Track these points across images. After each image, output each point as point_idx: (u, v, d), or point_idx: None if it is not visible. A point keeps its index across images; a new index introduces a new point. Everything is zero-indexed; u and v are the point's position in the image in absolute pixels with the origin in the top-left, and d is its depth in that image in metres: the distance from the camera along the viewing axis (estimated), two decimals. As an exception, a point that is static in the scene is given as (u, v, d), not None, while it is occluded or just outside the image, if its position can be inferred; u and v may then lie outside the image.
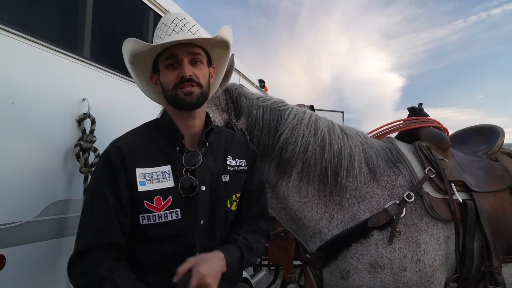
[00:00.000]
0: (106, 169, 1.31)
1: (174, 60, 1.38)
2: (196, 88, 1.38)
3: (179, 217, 1.33)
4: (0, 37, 1.64)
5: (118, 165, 1.30)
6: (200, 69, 1.41)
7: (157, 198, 1.31)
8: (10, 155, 1.68)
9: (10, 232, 1.65)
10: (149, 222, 1.30)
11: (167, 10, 3.00)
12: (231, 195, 1.49)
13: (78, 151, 1.95)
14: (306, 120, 2.05)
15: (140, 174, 1.31)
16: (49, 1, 2.06)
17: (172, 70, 1.38)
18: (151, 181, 1.31)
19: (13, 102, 1.68)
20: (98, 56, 2.26)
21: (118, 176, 1.29)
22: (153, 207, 1.30)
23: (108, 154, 1.33)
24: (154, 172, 1.33)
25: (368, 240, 1.90)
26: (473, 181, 2.19)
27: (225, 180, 1.47)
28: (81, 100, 2.05)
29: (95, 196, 1.30)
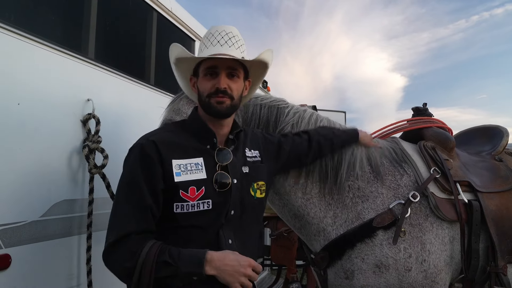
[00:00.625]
0: (141, 161, 1.35)
1: (213, 71, 1.46)
2: (228, 100, 1.46)
3: (210, 208, 1.38)
4: (6, 38, 1.66)
5: (153, 157, 1.35)
6: (235, 82, 1.50)
7: (191, 188, 1.37)
8: (16, 155, 1.69)
9: (15, 231, 1.66)
10: (182, 210, 1.35)
11: (170, 11, 3.01)
12: (252, 183, 1.55)
13: (87, 152, 1.96)
14: (307, 118, 2.06)
15: (176, 165, 1.37)
16: (54, 2, 2.07)
17: (210, 79, 1.47)
18: (185, 172, 1.38)
19: (19, 103, 1.69)
20: (102, 56, 2.27)
21: (154, 168, 1.34)
22: (187, 196, 1.35)
23: (142, 147, 1.37)
24: (188, 164, 1.40)
25: (373, 240, 1.90)
26: (478, 181, 2.18)
27: (245, 172, 1.54)
28: (86, 101, 2.06)
29: (131, 188, 1.34)
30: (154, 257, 1.21)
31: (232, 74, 1.49)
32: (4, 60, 1.66)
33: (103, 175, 2.06)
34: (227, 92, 1.45)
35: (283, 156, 1.77)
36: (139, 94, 2.58)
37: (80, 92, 2.05)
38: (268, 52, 1.59)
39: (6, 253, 1.62)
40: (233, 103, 1.49)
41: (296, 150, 1.83)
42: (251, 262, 1.27)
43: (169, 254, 1.23)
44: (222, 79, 1.45)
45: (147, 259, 1.20)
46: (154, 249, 1.23)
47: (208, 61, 1.47)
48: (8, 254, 1.62)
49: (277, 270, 4.15)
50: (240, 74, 1.53)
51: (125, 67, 2.47)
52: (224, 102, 1.45)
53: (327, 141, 1.93)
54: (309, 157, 1.90)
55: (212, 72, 1.46)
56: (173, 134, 1.48)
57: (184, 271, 1.21)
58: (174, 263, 1.21)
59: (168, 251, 1.24)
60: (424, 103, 2.54)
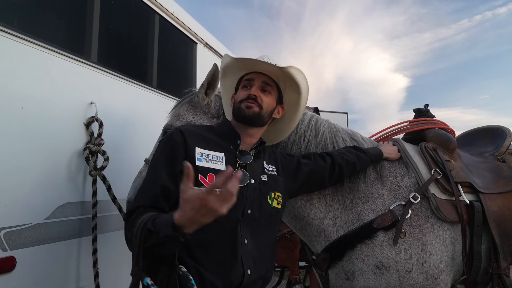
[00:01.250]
0: (166, 145, 1.47)
1: (249, 83, 1.65)
2: (256, 107, 1.60)
3: None
4: (9, 43, 1.68)
5: (178, 142, 1.45)
6: (266, 96, 1.65)
7: (210, 174, 1.43)
8: (20, 159, 1.71)
9: (20, 234, 1.69)
10: None
11: (172, 14, 3.02)
12: (270, 192, 1.61)
13: (87, 154, 1.98)
14: (306, 122, 2.07)
15: (198, 152, 1.46)
16: (57, 7, 2.10)
17: (245, 90, 1.64)
18: (207, 160, 1.47)
19: (23, 106, 1.72)
20: (105, 60, 2.29)
21: (177, 151, 1.43)
22: (205, 181, 1.41)
23: (171, 134, 1.49)
24: (210, 154, 1.50)
25: (373, 241, 1.90)
26: (480, 182, 2.18)
27: (264, 180, 1.61)
28: (89, 104, 2.08)
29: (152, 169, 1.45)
30: (143, 226, 1.21)
31: (264, 88, 1.65)
32: (7, 64, 1.68)
33: (103, 177, 2.08)
34: (257, 100, 1.60)
35: (301, 177, 1.82)
36: (142, 96, 2.60)
37: (83, 96, 2.07)
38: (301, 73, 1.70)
39: (11, 255, 1.64)
40: (261, 112, 1.61)
41: (318, 173, 1.87)
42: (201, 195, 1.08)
43: (153, 222, 1.20)
44: (255, 89, 1.62)
45: (138, 229, 1.22)
46: (147, 217, 1.23)
47: (247, 76, 1.67)
48: (13, 256, 1.65)
49: (280, 271, 4.15)
50: (272, 91, 1.68)
51: (128, 70, 2.49)
52: (251, 107, 1.58)
53: (349, 166, 1.95)
54: (331, 181, 1.94)
55: (248, 84, 1.64)
56: (201, 130, 1.60)
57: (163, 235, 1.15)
58: (155, 230, 1.17)
59: (154, 220, 1.21)
60: (426, 104, 2.54)
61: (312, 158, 1.89)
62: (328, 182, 1.93)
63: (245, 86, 1.65)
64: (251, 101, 1.59)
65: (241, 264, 1.43)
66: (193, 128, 1.57)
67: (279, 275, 4.10)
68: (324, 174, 1.88)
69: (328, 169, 1.88)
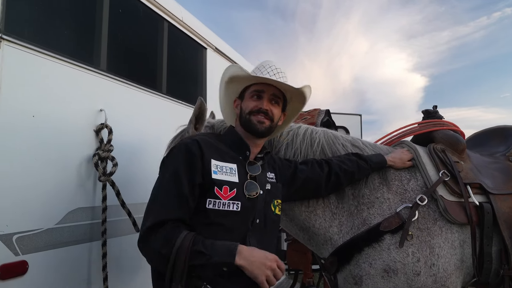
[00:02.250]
0: (185, 156, 1.47)
1: (259, 94, 1.66)
2: (268, 121, 1.65)
3: (239, 210, 1.49)
4: (21, 54, 1.74)
5: (196, 154, 1.47)
6: (275, 108, 1.69)
7: (225, 187, 1.48)
8: (32, 166, 1.76)
9: (32, 238, 1.74)
10: (214, 207, 1.45)
11: (181, 20, 3.07)
12: (273, 200, 1.68)
13: (96, 160, 2.02)
14: (301, 135, 2.09)
15: (214, 164, 1.50)
16: (66, 17, 2.15)
17: (254, 100, 1.66)
18: (221, 173, 1.51)
19: (34, 115, 1.77)
20: (114, 68, 2.34)
21: (195, 163, 1.46)
22: (221, 194, 1.47)
23: (187, 145, 1.50)
24: (224, 166, 1.54)
25: (380, 245, 1.89)
26: (490, 183, 2.15)
27: (267, 188, 1.67)
28: (99, 111, 2.13)
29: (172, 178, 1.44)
30: (189, 245, 1.29)
31: (274, 100, 1.68)
32: (19, 74, 1.74)
33: (112, 183, 2.12)
34: (268, 113, 1.64)
35: (296, 183, 1.85)
36: (152, 102, 2.65)
37: (93, 103, 2.12)
38: (309, 88, 1.77)
39: (23, 260, 1.69)
40: (272, 125, 1.67)
41: (314, 181, 1.89)
42: (277, 257, 1.35)
43: (203, 244, 1.31)
44: (266, 102, 1.65)
45: (182, 247, 1.29)
46: (189, 237, 1.31)
47: (256, 86, 1.67)
48: (25, 260, 1.69)
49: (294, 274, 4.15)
50: (280, 103, 1.72)
51: (137, 77, 2.54)
52: (264, 122, 1.63)
53: (347, 175, 1.95)
54: (327, 189, 1.95)
55: (258, 95, 1.66)
56: (213, 140, 1.63)
57: (216, 260, 1.29)
58: (207, 252, 1.29)
59: (201, 241, 1.32)
60: (434, 105, 2.51)
61: (310, 165, 1.92)
62: (325, 190, 1.95)
63: (255, 96, 1.66)
64: (262, 115, 1.63)
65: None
66: (207, 139, 1.60)
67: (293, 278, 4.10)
68: (320, 182, 1.90)
69: (325, 178, 1.91)
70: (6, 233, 1.63)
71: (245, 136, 1.68)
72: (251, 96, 1.67)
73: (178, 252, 1.28)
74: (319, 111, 3.32)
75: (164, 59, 2.94)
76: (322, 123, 3.19)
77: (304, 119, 3.29)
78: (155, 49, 2.91)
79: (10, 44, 1.70)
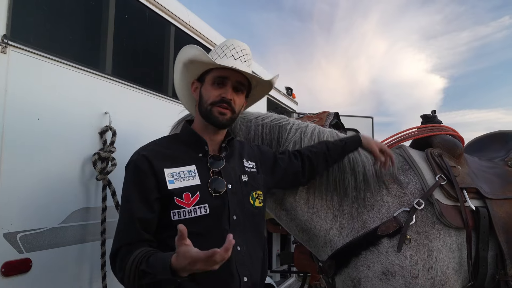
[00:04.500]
0: (134, 176, 1.40)
1: (222, 81, 1.52)
2: (229, 112, 1.52)
3: (208, 212, 1.40)
4: (26, 59, 1.79)
5: (146, 170, 1.39)
6: (239, 97, 1.57)
7: (186, 194, 1.40)
8: (37, 167, 1.81)
9: (36, 237, 1.77)
10: (179, 218, 1.38)
11: (188, 24, 3.10)
12: (251, 192, 1.58)
13: (95, 159, 2.06)
14: (309, 134, 2.07)
15: (168, 173, 1.41)
16: (72, 22, 2.20)
17: (216, 88, 1.52)
18: (179, 180, 1.41)
19: (39, 118, 1.82)
20: (119, 72, 2.38)
21: (146, 180, 1.38)
22: (182, 202, 1.39)
23: (135, 162, 1.42)
24: (181, 171, 1.44)
25: (378, 248, 1.91)
26: (487, 188, 2.17)
27: (244, 180, 1.58)
28: (103, 114, 2.18)
29: (124, 204, 1.41)
30: (136, 266, 1.22)
31: (238, 88, 1.56)
32: (24, 78, 1.78)
33: (108, 182, 2.13)
34: (231, 104, 1.52)
35: (279, 173, 1.79)
36: (157, 105, 2.68)
37: (98, 106, 2.16)
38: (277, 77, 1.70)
39: (27, 257, 1.72)
40: (233, 116, 1.56)
41: (292, 169, 1.83)
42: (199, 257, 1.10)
43: (147, 263, 1.22)
44: (230, 91, 1.52)
45: (131, 269, 1.23)
46: (138, 258, 1.24)
47: (219, 71, 1.52)
48: (29, 258, 1.73)
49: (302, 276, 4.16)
50: (245, 90, 1.61)
51: (143, 80, 2.58)
52: (226, 114, 1.51)
53: (319, 156, 1.89)
54: (305, 175, 1.89)
55: (220, 82, 1.52)
56: (165, 146, 1.53)
57: (160, 277, 1.20)
58: (150, 271, 1.20)
59: (146, 260, 1.23)
60: (433, 110, 2.54)
61: (287, 154, 1.87)
62: (303, 176, 1.87)
63: (217, 83, 1.52)
64: (225, 105, 1.50)
65: (237, 273, 1.42)
66: (156, 148, 1.50)
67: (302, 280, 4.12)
68: (297, 170, 1.84)
69: (299, 165, 1.84)
70: (10, 231, 1.67)
71: (204, 127, 1.56)
72: (213, 82, 1.53)
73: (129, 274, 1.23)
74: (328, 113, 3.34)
75: (170, 63, 2.96)
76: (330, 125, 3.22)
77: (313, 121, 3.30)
78: (162, 53, 2.95)
79: (16, 49, 1.74)
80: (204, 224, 1.40)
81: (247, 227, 1.53)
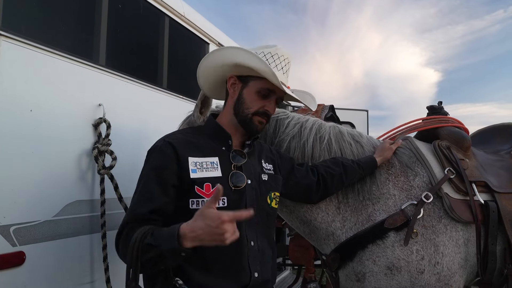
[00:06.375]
0: (158, 160, 1.41)
1: (269, 93, 1.54)
2: (266, 122, 1.59)
3: (225, 205, 1.40)
4: (18, 49, 1.73)
5: (170, 156, 1.39)
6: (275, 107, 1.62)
7: (206, 184, 1.40)
8: (29, 159, 1.76)
9: (29, 230, 1.73)
10: (198, 207, 1.36)
11: (183, 16, 3.05)
12: (270, 192, 1.58)
13: (96, 153, 2.02)
14: (308, 129, 2.04)
15: (192, 162, 1.41)
16: (65, 12, 2.14)
17: (262, 98, 1.54)
18: (201, 170, 1.42)
19: (31, 109, 1.77)
20: (113, 63, 2.32)
21: (169, 166, 1.38)
22: (202, 192, 1.39)
23: (160, 147, 1.42)
24: (204, 162, 1.44)
25: (384, 242, 1.87)
26: (495, 181, 2.12)
27: (264, 179, 1.58)
28: (97, 105, 2.12)
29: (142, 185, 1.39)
30: (140, 240, 1.20)
31: (278, 101, 1.61)
32: (16, 69, 1.72)
33: (111, 176, 2.11)
34: (270, 116, 1.58)
35: (293, 182, 1.77)
36: (152, 97, 2.63)
37: (92, 98, 2.10)
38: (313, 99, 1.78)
39: (20, 250, 1.68)
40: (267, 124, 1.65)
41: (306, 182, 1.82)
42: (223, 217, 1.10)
43: (152, 235, 1.21)
44: (274, 105, 1.58)
45: (135, 244, 1.20)
46: (142, 232, 1.23)
47: (269, 83, 1.50)
48: (22, 251, 1.69)
49: (296, 270, 4.16)
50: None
51: (137, 72, 2.52)
52: (263, 123, 1.57)
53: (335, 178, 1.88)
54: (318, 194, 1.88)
55: (267, 94, 1.54)
56: (190, 135, 1.53)
57: (165, 249, 1.16)
58: (155, 243, 1.18)
59: (151, 233, 1.22)
60: (439, 101, 2.47)
61: (305, 166, 1.86)
62: (315, 195, 1.87)
63: (264, 95, 1.54)
64: (265, 118, 1.56)
65: (248, 267, 1.41)
66: (182, 136, 1.51)
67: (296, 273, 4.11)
68: (312, 186, 1.83)
69: (316, 181, 1.83)
70: (3, 224, 1.62)
71: (234, 126, 1.56)
72: (259, 91, 1.53)
73: (132, 248, 1.20)
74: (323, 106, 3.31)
75: (165, 54, 2.91)
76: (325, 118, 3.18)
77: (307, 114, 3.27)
78: (156, 44, 2.89)
79: (8, 39, 1.68)
80: None
81: (261, 225, 1.52)
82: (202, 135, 1.56)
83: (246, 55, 1.48)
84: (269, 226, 1.59)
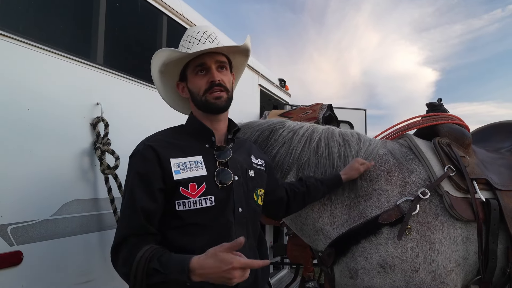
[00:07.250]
0: (140, 165, 1.38)
1: (203, 68, 1.49)
2: (224, 93, 1.49)
3: (213, 204, 1.39)
4: (16, 48, 1.75)
5: (152, 160, 1.37)
6: (225, 75, 1.53)
7: (191, 184, 1.37)
8: (27, 158, 1.77)
9: (27, 229, 1.74)
10: (184, 208, 1.36)
11: (181, 14, 3.05)
12: (256, 189, 1.56)
13: (99, 154, 2.04)
14: (301, 134, 2.07)
15: (174, 163, 1.38)
16: (63, 11, 2.16)
17: (201, 77, 1.49)
18: (185, 170, 1.39)
19: (29, 108, 1.78)
20: (110, 61, 2.33)
21: (152, 170, 1.36)
22: (188, 193, 1.36)
23: (141, 152, 1.40)
24: (187, 162, 1.41)
25: (377, 238, 1.85)
26: (496, 179, 2.09)
27: (251, 175, 1.55)
28: (95, 104, 2.13)
29: (130, 193, 1.37)
30: (145, 263, 1.19)
31: (221, 66, 1.52)
32: (13, 68, 1.74)
33: (115, 176, 2.12)
34: (222, 84, 1.48)
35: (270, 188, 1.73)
36: (149, 96, 2.63)
37: (89, 97, 2.11)
38: (248, 39, 1.62)
39: (18, 250, 1.69)
40: (229, 95, 1.52)
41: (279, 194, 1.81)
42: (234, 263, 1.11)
43: (159, 261, 1.20)
44: (215, 73, 1.48)
45: (139, 265, 1.20)
46: (147, 254, 1.21)
47: (196, 61, 1.49)
48: (20, 250, 1.70)
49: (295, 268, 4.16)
50: (227, 66, 1.56)
51: (135, 71, 2.53)
52: (221, 96, 1.48)
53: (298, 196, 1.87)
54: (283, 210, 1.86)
55: (202, 69, 1.49)
56: (171, 136, 1.51)
57: (172, 278, 1.17)
58: (162, 270, 1.18)
59: (158, 258, 1.21)
60: (439, 98, 2.45)
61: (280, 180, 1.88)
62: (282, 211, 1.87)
63: (200, 71, 1.49)
64: (217, 88, 1.47)
65: None
66: (162, 137, 1.48)
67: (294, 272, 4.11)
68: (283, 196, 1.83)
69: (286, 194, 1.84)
70: (0, 223, 1.63)
71: (206, 118, 1.53)
72: (195, 73, 1.50)
73: (136, 271, 1.19)
74: (321, 105, 3.30)
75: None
76: (324, 117, 3.17)
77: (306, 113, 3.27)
78: (154, 43, 2.89)
79: (4, 38, 1.70)
80: (208, 216, 1.39)
81: (249, 221, 1.51)
82: (184, 134, 1.53)
83: (161, 53, 1.52)
84: (255, 224, 1.57)
